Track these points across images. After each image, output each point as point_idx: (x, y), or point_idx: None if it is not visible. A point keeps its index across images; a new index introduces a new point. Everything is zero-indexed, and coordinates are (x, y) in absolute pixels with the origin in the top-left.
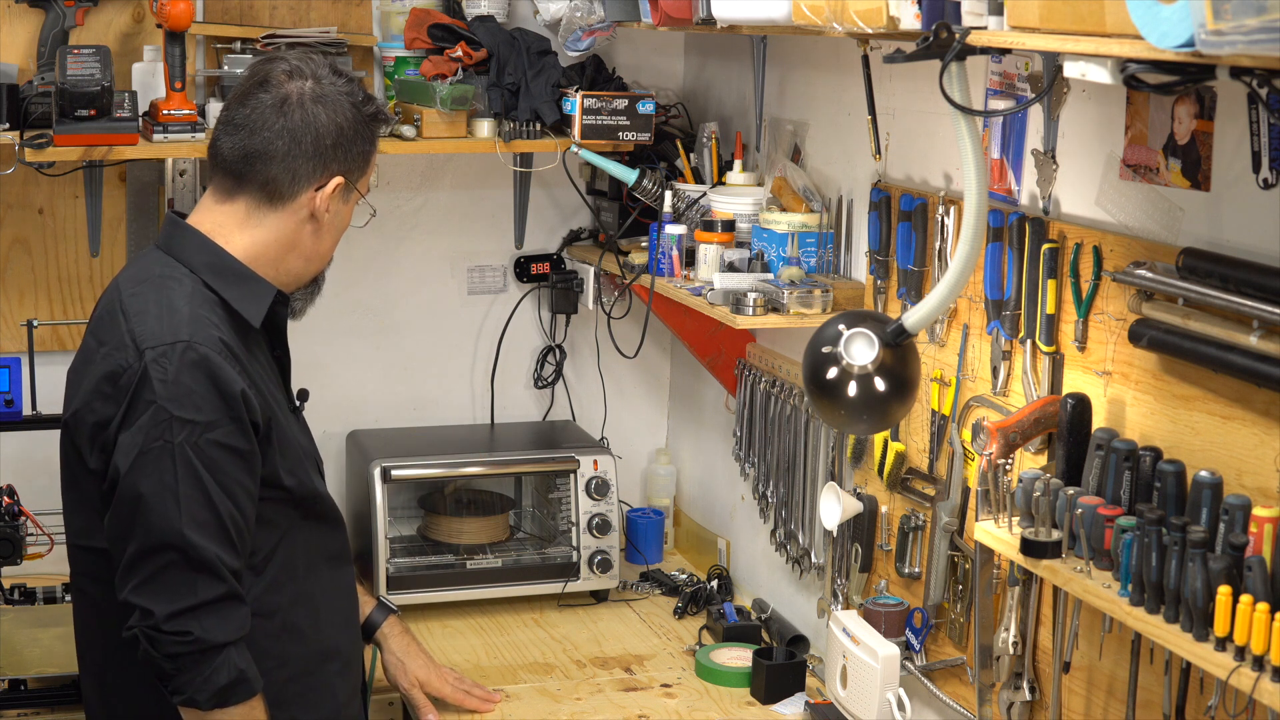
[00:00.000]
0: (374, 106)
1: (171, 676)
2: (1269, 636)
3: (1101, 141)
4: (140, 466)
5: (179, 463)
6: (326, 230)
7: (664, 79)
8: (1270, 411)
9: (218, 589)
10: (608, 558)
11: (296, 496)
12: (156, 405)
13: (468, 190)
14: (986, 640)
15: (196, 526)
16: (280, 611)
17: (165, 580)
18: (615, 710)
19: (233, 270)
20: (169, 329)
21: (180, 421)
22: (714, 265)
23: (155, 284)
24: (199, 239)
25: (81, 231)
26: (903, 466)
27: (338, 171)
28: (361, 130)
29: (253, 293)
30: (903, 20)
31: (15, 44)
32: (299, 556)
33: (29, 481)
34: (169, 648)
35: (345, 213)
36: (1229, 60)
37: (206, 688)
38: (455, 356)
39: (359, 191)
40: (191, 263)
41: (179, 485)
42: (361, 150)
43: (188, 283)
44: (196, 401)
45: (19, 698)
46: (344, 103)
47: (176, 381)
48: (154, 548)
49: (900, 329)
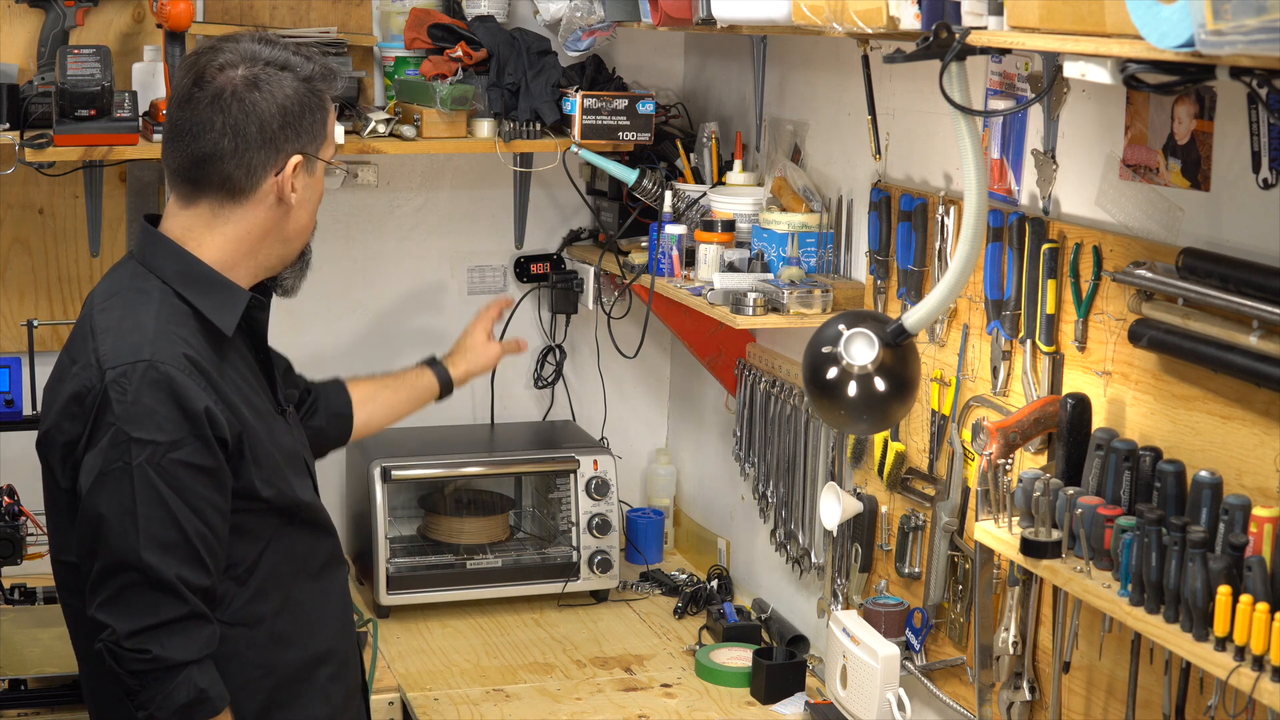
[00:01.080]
0: (313, 67)
1: (136, 693)
2: (1269, 636)
3: (1101, 141)
4: (100, 488)
5: (138, 484)
6: (299, 208)
7: (664, 79)
8: (1270, 411)
9: (179, 609)
10: (608, 558)
11: (276, 506)
12: (116, 427)
13: (468, 190)
14: (986, 640)
15: (156, 547)
16: (266, 621)
17: (127, 600)
18: (615, 710)
19: (205, 278)
20: (130, 348)
21: (139, 443)
22: (714, 265)
23: (125, 298)
24: (170, 247)
25: (81, 231)
26: (903, 466)
27: (293, 151)
28: (307, 100)
29: (226, 301)
30: (903, 20)
31: (15, 44)
32: (284, 565)
33: (29, 481)
34: (129, 665)
35: (315, 184)
36: (1229, 60)
37: (167, 705)
38: None
39: (322, 160)
40: (163, 272)
41: (137, 506)
42: (313, 120)
43: (157, 295)
44: (159, 421)
45: (19, 698)
46: (282, 80)
47: (136, 402)
48: (114, 567)
49: (900, 329)
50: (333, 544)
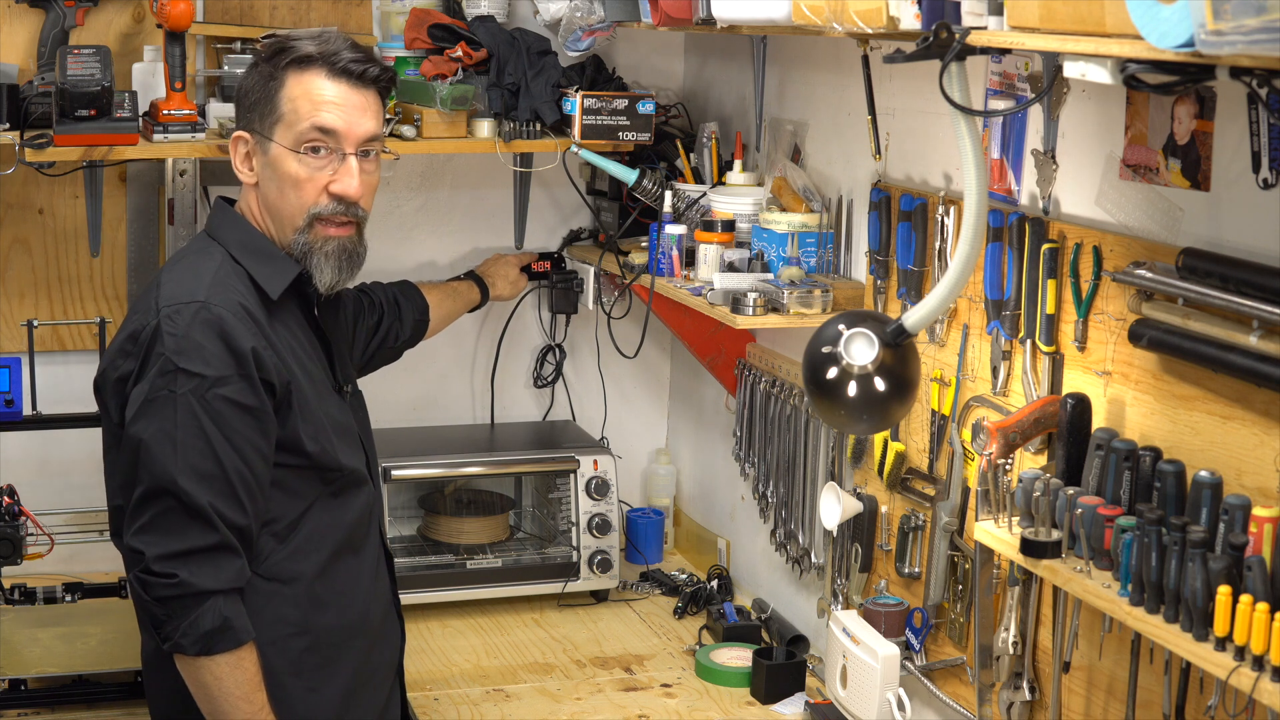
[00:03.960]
0: (274, 42)
1: (161, 623)
2: (1269, 636)
3: (1101, 141)
4: (144, 414)
5: (180, 412)
6: (264, 187)
7: (664, 79)
8: (1270, 411)
9: (210, 537)
10: (608, 558)
11: (321, 466)
12: (164, 357)
13: (468, 190)
14: (986, 640)
15: (193, 474)
16: (302, 580)
17: (159, 524)
18: (615, 710)
19: (261, 249)
20: (187, 291)
21: (185, 374)
22: (714, 265)
23: (189, 259)
24: (234, 218)
25: (81, 231)
26: (903, 466)
27: (242, 129)
28: (257, 79)
29: (277, 270)
30: (903, 20)
31: (15, 44)
32: (326, 531)
33: (29, 481)
34: (157, 590)
35: (276, 161)
36: (1229, 60)
37: (191, 632)
38: (455, 356)
39: (276, 141)
40: (226, 240)
41: (177, 433)
42: (260, 96)
43: (218, 256)
44: (205, 356)
45: (19, 698)
46: (248, 64)
47: (186, 336)
48: (152, 493)
49: (900, 329)
50: (375, 527)
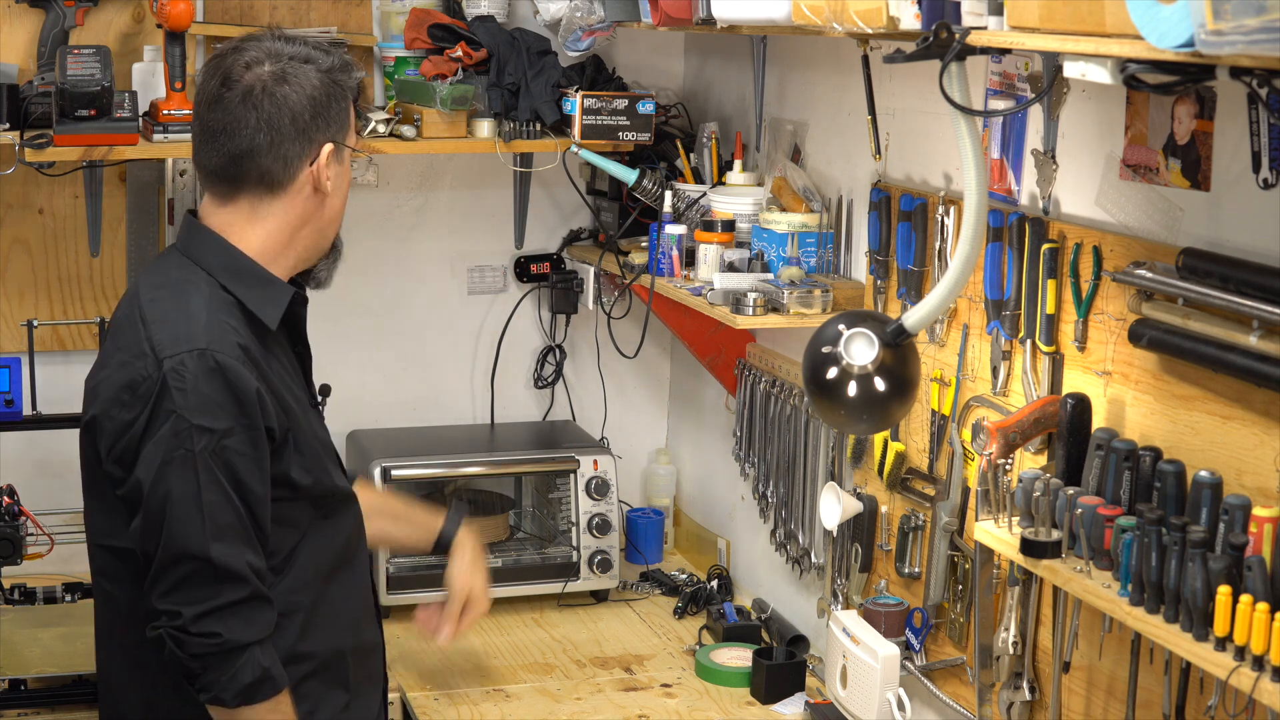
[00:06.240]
0: (334, 59)
1: (198, 675)
2: (1269, 636)
3: (1101, 141)
4: (164, 477)
5: (201, 470)
6: (333, 196)
7: (664, 79)
8: (1270, 411)
9: (243, 590)
10: (608, 558)
11: (314, 495)
12: (176, 415)
13: (468, 190)
14: (986, 640)
15: (220, 533)
16: (301, 610)
17: (191, 585)
18: (615, 710)
19: (250, 272)
20: (186, 336)
21: (200, 430)
22: (714, 265)
23: (173, 289)
24: (215, 241)
25: (81, 231)
26: (903, 466)
27: (325, 140)
28: (333, 91)
29: (270, 295)
30: (903, 20)
31: (15, 44)
32: (320, 556)
33: (29, 481)
34: (195, 648)
35: (344, 172)
36: (1229, 60)
37: (232, 686)
38: (455, 356)
39: (350, 148)
40: (209, 265)
41: (201, 494)
42: (339, 109)
43: (205, 287)
44: (214, 410)
45: (19, 698)
46: (307, 72)
47: (195, 390)
48: (179, 557)
49: (900, 329)
50: (361, 536)
